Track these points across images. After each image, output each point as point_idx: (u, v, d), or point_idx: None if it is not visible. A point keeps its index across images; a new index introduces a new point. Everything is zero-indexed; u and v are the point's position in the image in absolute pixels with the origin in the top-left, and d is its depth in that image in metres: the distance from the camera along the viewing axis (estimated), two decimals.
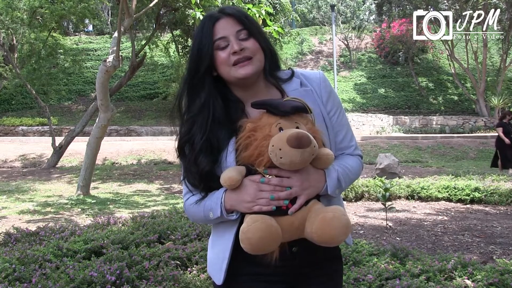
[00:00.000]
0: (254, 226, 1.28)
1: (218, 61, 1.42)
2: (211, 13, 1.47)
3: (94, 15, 17.90)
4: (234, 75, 1.42)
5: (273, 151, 1.29)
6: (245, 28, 1.43)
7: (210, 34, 1.42)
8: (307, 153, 1.28)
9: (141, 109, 24.22)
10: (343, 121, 1.55)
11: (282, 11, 20.78)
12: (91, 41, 31.87)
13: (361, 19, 29.47)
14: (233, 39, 1.41)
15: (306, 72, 1.58)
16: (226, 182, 1.34)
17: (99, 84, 8.48)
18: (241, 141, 1.37)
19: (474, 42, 23.23)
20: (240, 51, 1.40)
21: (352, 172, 1.49)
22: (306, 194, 1.34)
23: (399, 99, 25.03)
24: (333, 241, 1.31)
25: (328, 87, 1.55)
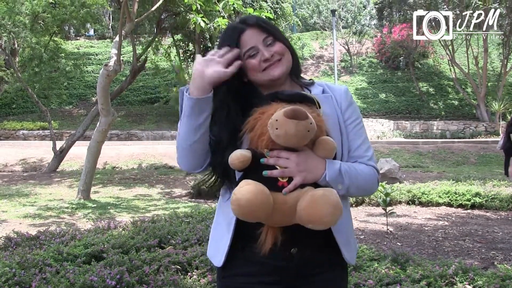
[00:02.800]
0: (245, 188, 1.31)
1: (249, 69, 1.50)
2: (234, 25, 1.55)
3: (95, 20, 17.97)
4: (267, 78, 1.51)
5: (271, 123, 1.34)
6: (270, 34, 1.51)
7: (237, 46, 1.49)
8: (301, 125, 1.31)
9: (142, 114, 24.23)
10: (361, 132, 1.59)
11: (283, 16, 20.86)
12: (92, 45, 31.92)
13: (362, 24, 29.52)
14: (262, 47, 1.49)
15: (331, 83, 1.65)
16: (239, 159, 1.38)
17: (100, 88, 8.49)
18: (249, 123, 1.43)
19: (475, 47, 23.25)
20: (270, 57, 1.48)
21: (360, 175, 1.49)
22: (301, 176, 1.37)
23: (400, 104, 25.03)
24: (320, 220, 1.31)
25: (350, 99, 1.61)
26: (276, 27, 1.60)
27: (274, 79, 1.50)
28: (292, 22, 24.84)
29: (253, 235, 1.41)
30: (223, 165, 1.45)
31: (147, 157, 15.59)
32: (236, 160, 1.38)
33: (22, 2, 14.32)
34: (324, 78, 27.99)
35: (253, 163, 1.39)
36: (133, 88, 25.60)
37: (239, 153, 1.38)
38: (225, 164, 1.43)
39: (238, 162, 1.38)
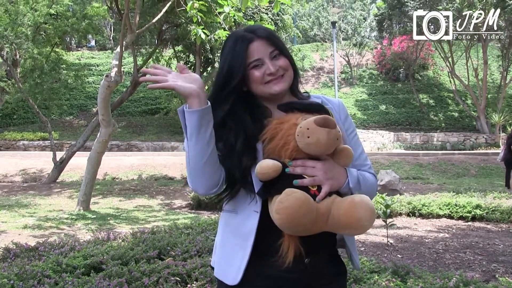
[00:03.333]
0: (294, 195, 1.31)
1: (252, 80, 1.52)
2: (243, 34, 1.55)
3: (96, 31, 18.06)
4: (268, 91, 1.52)
5: (301, 131, 1.35)
6: (277, 48, 1.53)
7: (244, 55, 1.50)
8: (332, 134, 1.35)
9: (142, 125, 24.26)
10: (359, 142, 1.64)
11: (283, 27, 20.93)
12: (93, 56, 32.05)
13: (362, 36, 29.66)
14: (268, 60, 1.51)
15: (327, 96, 1.69)
16: (271, 169, 1.37)
17: (100, 99, 8.51)
18: (267, 133, 1.44)
19: (475, 59, 23.34)
20: (275, 72, 1.50)
21: (369, 182, 1.54)
22: (329, 183, 1.39)
23: (400, 116, 25.07)
24: (359, 223, 1.34)
25: (346, 111, 1.66)
26: (282, 41, 1.62)
27: (275, 93, 1.51)
28: (293, 34, 24.90)
29: (271, 248, 1.41)
30: (242, 171, 1.45)
31: (147, 168, 15.59)
32: (269, 169, 1.37)
33: (24, 13, 14.41)
34: (324, 89, 28.06)
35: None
36: (134, 99, 25.66)
37: (271, 162, 1.38)
38: (243, 170, 1.44)
39: (272, 171, 1.37)
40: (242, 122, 1.50)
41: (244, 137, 1.48)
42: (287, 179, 1.37)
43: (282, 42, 1.58)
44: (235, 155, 1.46)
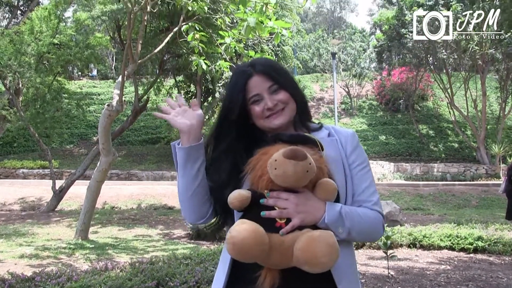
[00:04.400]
0: (240, 226, 1.29)
1: (253, 115, 1.54)
2: (243, 69, 1.58)
3: (99, 61, 18.25)
4: (269, 126, 1.54)
5: (270, 163, 1.34)
6: (276, 82, 1.54)
7: (243, 91, 1.53)
8: (300, 166, 1.31)
9: (142, 154, 24.27)
10: (367, 176, 1.58)
11: (284, 58, 21.18)
12: (95, 85, 32.33)
13: (362, 67, 29.96)
14: (267, 95, 1.53)
15: (338, 127, 1.66)
16: (237, 199, 1.38)
17: (101, 128, 8.54)
18: (251, 163, 1.43)
19: (473, 91, 23.53)
20: (273, 106, 1.52)
21: (363, 219, 1.47)
22: (299, 217, 1.35)
23: (400, 146, 25.10)
24: (316, 260, 1.28)
25: (356, 143, 1.60)
26: (285, 71, 1.63)
27: (276, 128, 1.53)
28: (293, 65, 25.18)
29: (251, 277, 1.38)
30: (223, 203, 1.46)
31: (147, 197, 15.53)
32: (234, 200, 1.38)
33: (28, 43, 14.60)
34: (325, 120, 28.19)
35: (253, 204, 1.39)
36: (134, 128, 25.75)
37: (237, 193, 1.39)
38: (224, 202, 1.43)
39: (237, 202, 1.38)
40: (233, 155, 1.52)
41: (230, 169, 1.50)
42: (260, 210, 1.37)
43: (284, 74, 1.59)
44: (218, 188, 1.51)
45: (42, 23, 14.97)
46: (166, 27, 13.90)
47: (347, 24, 54.28)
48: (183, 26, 6.15)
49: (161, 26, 14.65)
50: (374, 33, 38.87)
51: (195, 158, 1.48)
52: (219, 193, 1.49)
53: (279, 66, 1.63)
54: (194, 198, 1.51)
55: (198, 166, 1.49)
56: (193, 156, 1.48)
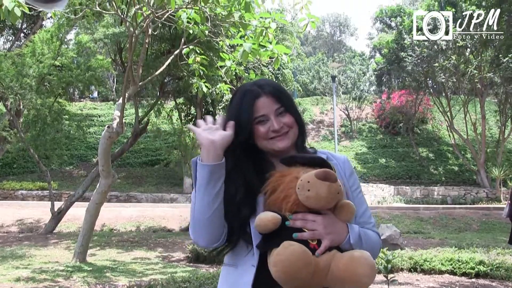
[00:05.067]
0: (291, 248, 1.30)
1: (257, 135, 1.54)
2: (250, 88, 1.58)
3: (100, 82, 18.35)
4: (272, 148, 1.54)
5: (301, 184, 1.35)
6: (283, 105, 1.56)
7: (250, 110, 1.53)
8: (333, 188, 1.34)
9: (142, 176, 24.22)
10: (363, 199, 1.63)
11: (284, 81, 21.33)
12: (96, 107, 32.46)
13: (362, 90, 30.14)
14: (273, 117, 1.54)
15: (332, 152, 1.71)
16: (271, 221, 1.37)
17: (101, 149, 8.53)
18: (269, 186, 1.44)
19: (473, 114, 23.63)
20: (279, 129, 1.52)
21: (372, 240, 1.52)
22: (329, 238, 1.37)
23: (400, 169, 25.07)
24: (358, 279, 1.31)
25: (351, 167, 1.66)
26: (290, 96, 1.64)
27: (279, 150, 1.53)
28: (293, 88, 25.35)
29: None
30: (240, 221, 1.46)
31: (146, 220, 15.44)
32: (268, 222, 1.37)
33: (30, 65, 14.70)
34: (324, 143, 28.22)
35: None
36: (134, 150, 25.75)
37: (270, 214, 1.38)
38: (242, 220, 1.45)
39: (271, 224, 1.37)
40: (245, 174, 1.51)
41: (245, 188, 1.49)
42: (287, 232, 1.37)
43: (289, 98, 1.61)
44: (235, 206, 1.47)
45: (44, 46, 15.09)
46: (167, 49, 14.05)
47: (347, 48, 54.80)
48: (184, 49, 6.20)
49: (162, 49, 14.80)
50: (374, 56, 39.23)
51: (218, 177, 1.45)
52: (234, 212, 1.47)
53: (285, 89, 1.65)
54: (212, 220, 1.45)
55: (220, 186, 1.45)
56: (216, 174, 1.44)
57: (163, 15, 5.75)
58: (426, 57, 21.56)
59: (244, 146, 1.53)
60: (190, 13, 5.31)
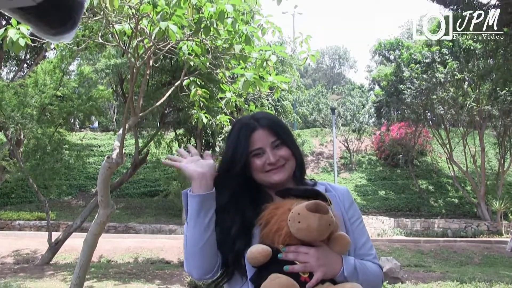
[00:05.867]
0: (277, 281, 1.30)
1: (253, 167, 1.55)
2: (247, 122, 1.60)
3: (100, 113, 18.48)
4: (268, 180, 1.55)
5: (292, 216, 1.35)
6: (279, 138, 1.57)
7: (246, 143, 1.54)
8: (324, 220, 1.33)
9: (141, 206, 24.10)
10: (364, 230, 1.62)
11: (283, 113, 21.46)
12: (96, 137, 32.53)
13: (361, 122, 30.28)
14: (269, 150, 1.55)
15: (332, 184, 1.71)
16: (261, 254, 1.37)
17: (100, 180, 8.51)
18: (263, 218, 1.43)
19: (472, 146, 23.67)
20: (275, 162, 1.53)
21: (370, 272, 1.50)
22: (321, 270, 1.36)
23: (400, 202, 24.96)
24: None
25: (351, 198, 1.66)
26: (288, 128, 1.66)
27: (275, 183, 1.54)
28: (293, 120, 25.48)
29: None
30: (235, 253, 1.45)
31: (144, 251, 15.28)
32: (258, 254, 1.37)
33: (32, 95, 14.82)
34: (324, 174, 28.18)
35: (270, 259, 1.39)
36: (133, 180, 25.68)
37: (261, 247, 1.39)
38: (237, 252, 1.44)
39: (261, 257, 1.37)
40: (241, 207, 1.51)
41: (241, 221, 1.48)
42: (279, 265, 1.36)
43: (286, 131, 1.62)
44: (230, 238, 1.47)
45: (46, 76, 15.26)
46: (168, 81, 14.18)
47: (346, 80, 55.32)
48: (185, 81, 6.26)
49: (163, 80, 14.94)
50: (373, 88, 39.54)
51: (209, 207, 1.46)
52: (230, 245, 1.47)
53: (282, 122, 1.66)
54: (204, 250, 1.46)
55: (211, 216, 1.47)
56: (207, 204, 1.46)
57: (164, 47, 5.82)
58: (425, 89, 21.75)
59: (241, 179, 1.54)
60: (191, 45, 5.39)
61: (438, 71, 21.15)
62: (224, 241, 1.48)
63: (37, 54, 22.03)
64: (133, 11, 4.80)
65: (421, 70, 21.98)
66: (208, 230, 1.45)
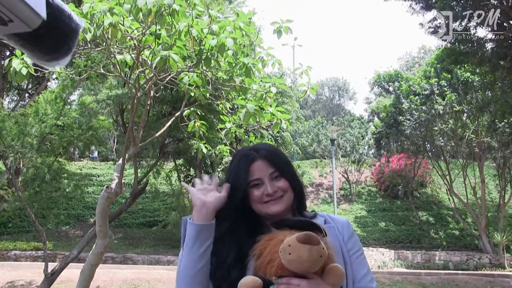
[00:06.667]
0: None
1: (251, 198, 1.56)
2: (247, 152, 1.62)
3: (100, 143, 18.50)
4: (265, 211, 1.55)
5: (283, 248, 1.34)
6: (277, 169, 1.57)
7: (246, 173, 1.55)
8: (315, 251, 1.31)
9: (139, 237, 23.87)
10: (364, 263, 1.61)
11: (283, 144, 21.50)
12: (95, 166, 32.48)
13: (360, 153, 30.31)
14: (267, 181, 1.56)
15: (332, 215, 1.71)
16: (251, 285, 1.36)
17: (99, 210, 8.46)
18: (257, 249, 1.44)
19: (472, 178, 23.63)
20: (273, 193, 1.54)
21: None
22: None
23: (400, 233, 24.76)
24: None
25: (351, 230, 1.65)
26: (287, 160, 1.67)
27: (272, 214, 1.54)
28: (292, 151, 25.52)
29: None
30: (229, 284, 1.44)
31: (141, 282, 15.07)
32: (247, 286, 1.36)
33: (32, 125, 14.87)
34: (324, 206, 28.04)
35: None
36: (132, 210, 25.52)
37: (251, 279, 1.38)
38: (231, 283, 1.43)
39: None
40: (238, 237, 1.52)
41: (237, 251, 1.49)
42: None
43: (285, 162, 1.63)
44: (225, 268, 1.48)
45: (47, 106, 15.34)
46: (169, 111, 14.26)
47: (346, 111, 55.61)
48: (185, 111, 6.30)
49: (164, 110, 15.02)
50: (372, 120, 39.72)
51: (205, 238, 1.47)
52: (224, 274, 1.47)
53: (282, 154, 1.67)
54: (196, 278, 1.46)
55: (206, 247, 1.47)
56: (203, 235, 1.46)
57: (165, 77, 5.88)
58: (424, 121, 21.86)
59: (240, 209, 1.55)
60: (192, 76, 5.44)
61: (437, 103, 21.31)
62: (219, 271, 1.49)
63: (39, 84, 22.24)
64: (135, 42, 4.87)
65: (420, 102, 22.16)
66: (202, 260, 1.45)
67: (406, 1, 15.41)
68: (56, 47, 0.82)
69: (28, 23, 0.73)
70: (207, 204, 1.49)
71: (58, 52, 0.82)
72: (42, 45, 0.80)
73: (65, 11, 0.81)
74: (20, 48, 0.79)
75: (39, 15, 0.73)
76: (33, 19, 0.73)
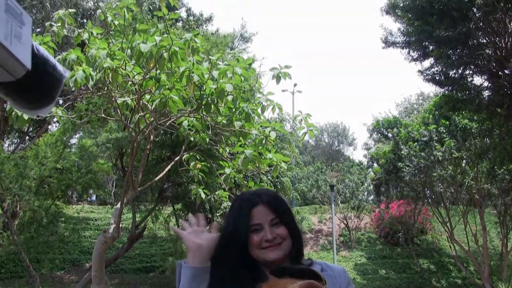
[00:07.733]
0: None
1: (250, 243, 1.55)
2: (248, 197, 1.62)
3: (99, 186, 18.44)
4: (263, 258, 1.54)
5: None
6: (278, 216, 1.57)
7: (247, 218, 1.55)
8: None
9: (136, 283, 23.39)
10: None
11: (282, 189, 21.42)
12: (93, 210, 32.20)
13: (360, 199, 30.13)
14: (267, 227, 1.56)
15: (329, 263, 1.70)
16: None
17: (96, 254, 8.34)
18: None
19: (473, 225, 23.41)
20: (272, 239, 1.54)
21: None
22: None
23: (401, 281, 24.30)
24: None
25: (348, 279, 1.65)
26: (288, 208, 1.67)
27: (270, 261, 1.53)
28: (292, 196, 25.39)
29: None
30: None
31: None
32: None
33: (32, 167, 14.87)
34: (323, 252, 27.65)
35: None
36: (129, 255, 25.11)
37: None
38: None
39: None
40: (239, 282, 1.49)
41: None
42: None
43: (286, 210, 1.64)
44: None
45: (47, 149, 15.39)
46: (168, 156, 14.29)
47: (345, 157, 55.71)
48: (185, 156, 6.31)
49: (163, 155, 15.06)
50: (372, 166, 39.75)
51: (201, 281, 1.45)
52: None
53: (283, 201, 1.68)
54: None
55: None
56: (199, 278, 1.45)
57: (165, 122, 5.93)
58: (423, 167, 21.87)
59: (240, 255, 1.53)
60: (191, 120, 5.48)
61: (436, 149, 21.38)
62: None
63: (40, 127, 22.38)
64: (136, 87, 4.93)
65: (419, 148, 22.23)
66: None
67: (404, 49, 15.72)
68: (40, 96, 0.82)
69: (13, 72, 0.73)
70: (202, 246, 1.48)
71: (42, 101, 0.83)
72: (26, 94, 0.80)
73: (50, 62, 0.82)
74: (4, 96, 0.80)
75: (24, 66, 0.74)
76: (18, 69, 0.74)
